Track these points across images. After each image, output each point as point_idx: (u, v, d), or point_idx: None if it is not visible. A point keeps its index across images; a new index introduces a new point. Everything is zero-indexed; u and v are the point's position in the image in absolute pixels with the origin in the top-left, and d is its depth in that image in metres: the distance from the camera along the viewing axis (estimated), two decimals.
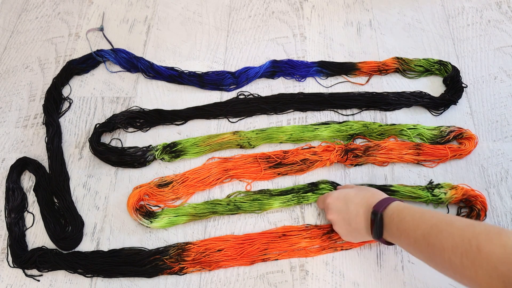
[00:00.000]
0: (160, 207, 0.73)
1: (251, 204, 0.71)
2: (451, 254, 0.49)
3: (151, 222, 0.70)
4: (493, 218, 0.71)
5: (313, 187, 0.73)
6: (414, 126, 0.78)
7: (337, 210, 0.65)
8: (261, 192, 0.73)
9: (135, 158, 0.76)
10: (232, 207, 0.71)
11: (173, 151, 0.77)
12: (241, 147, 0.78)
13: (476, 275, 0.46)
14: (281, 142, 0.79)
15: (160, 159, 0.77)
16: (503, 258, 0.44)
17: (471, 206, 0.70)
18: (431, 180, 0.74)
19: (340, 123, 0.79)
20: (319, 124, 0.80)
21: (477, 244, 0.46)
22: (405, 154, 0.75)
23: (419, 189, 0.71)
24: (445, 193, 0.70)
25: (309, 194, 0.72)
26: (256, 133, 0.78)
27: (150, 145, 0.78)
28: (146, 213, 0.71)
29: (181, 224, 0.72)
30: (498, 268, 0.44)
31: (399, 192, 0.71)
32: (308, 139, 0.78)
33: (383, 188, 0.72)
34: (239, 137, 0.78)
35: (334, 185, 0.74)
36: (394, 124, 0.79)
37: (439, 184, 0.72)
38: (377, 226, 0.59)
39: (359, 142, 0.78)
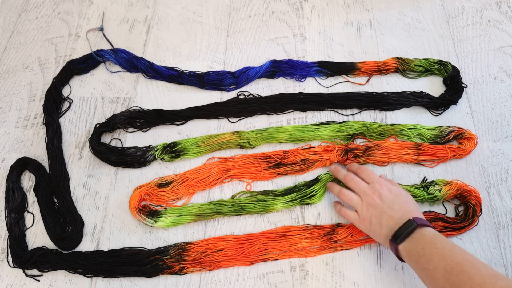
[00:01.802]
0: (162, 206, 0.73)
1: (255, 206, 0.71)
2: None
3: (155, 221, 0.70)
4: (493, 218, 0.71)
5: (315, 181, 0.73)
6: (414, 126, 0.78)
7: (373, 205, 0.64)
8: (265, 192, 0.73)
9: (135, 158, 0.76)
10: (237, 208, 0.71)
11: (173, 151, 0.77)
12: (241, 147, 0.78)
13: None
14: (281, 142, 0.79)
15: (160, 159, 0.77)
16: None
17: (466, 202, 0.70)
18: (425, 177, 0.74)
19: (340, 123, 0.80)
20: (319, 124, 0.80)
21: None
22: (405, 154, 0.75)
23: (415, 188, 0.72)
24: (439, 190, 0.70)
25: (311, 190, 0.72)
26: (256, 133, 0.78)
27: (150, 145, 0.78)
28: (149, 213, 0.71)
29: (181, 224, 0.71)
30: None
31: None
32: (308, 139, 0.78)
33: None
34: (239, 137, 0.78)
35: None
36: (394, 124, 0.79)
37: (433, 181, 0.72)
38: (404, 232, 0.59)
39: (359, 142, 0.78)
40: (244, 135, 0.78)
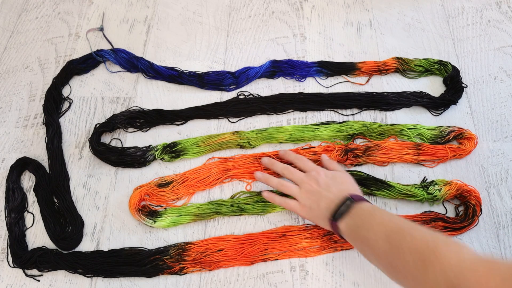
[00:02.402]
0: (162, 207, 0.73)
1: (255, 206, 0.71)
2: (407, 255, 0.49)
3: (154, 222, 0.70)
4: (493, 218, 0.71)
5: None
6: (414, 126, 0.78)
7: (311, 191, 0.65)
8: None
9: (135, 158, 0.76)
10: (236, 208, 0.71)
11: (173, 151, 0.77)
12: (241, 147, 0.78)
13: (425, 278, 0.46)
14: (281, 142, 0.79)
15: (160, 159, 0.77)
16: (454, 265, 0.44)
17: (466, 202, 0.70)
18: (425, 177, 0.74)
19: (340, 123, 0.80)
20: (319, 124, 0.80)
21: (434, 247, 0.47)
22: (405, 154, 0.75)
23: (415, 187, 0.72)
24: (439, 190, 0.70)
25: None
26: (256, 133, 0.78)
27: (150, 145, 0.78)
28: (149, 213, 0.71)
29: (181, 224, 0.71)
30: (447, 273, 0.44)
31: (395, 188, 0.71)
32: (308, 139, 0.78)
33: (380, 182, 0.72)
34: (239, 137, 0.78)
35: None
36: (394, 124, 0.79)
37: (433, 181, 0.72)
38: (342, 209, 0.60)
39: (359, 142, 0.78)
40: (244, 135, 0.78)
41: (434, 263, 0.46)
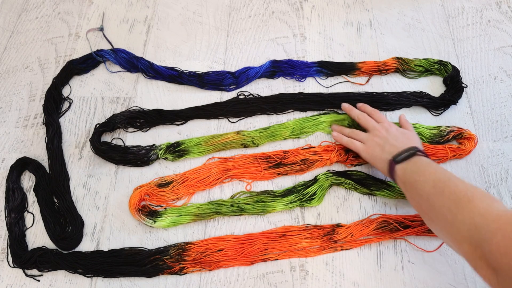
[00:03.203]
0: (162, 206, 0.73)
1: (254, 206, 0.71)
2: (446, 198, 0.55)
3: (154, 222, 0.70)
4: None
5: (314, 182, 0.73)
6: (413, 125, 0.78)
7: (379, 136, 0.72)
8: (264, 193, 0.73)
9: (138, 157, 0.76)
10: (236, 208, 0.71)
11: (176, 150, 0.77)
12: (245, 146, 0.78)
13: (454, 219, 0.52)
14: (285, 138, 0.79)
15: (164, 158, 0.77)
16: (482, 212, 0.49)
17: None
18: None
19: (340, 114, 0.80)
20: (318, 114, 0.80)
21: (471, 195, 0.52)
22: None
23: None
24: None
25: (310, 191, 0.72)
26: (260, 132, 0.78)
27: (154, 144, 0.78)
28: (149, 213, 0.71)
29: (181, 224, 0.71)
30: (474, 219, 0.49)
31: (395, 188, 0.72)
32: (311, 130, 0.79)
33: (380, 182, 0.73)
34: (243, 136, 0.78)
35: (331, 172, 0.74)
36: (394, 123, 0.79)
37: None
38: (404, 153, 0.65)
39: None
40: (248, 135, 0.78)
41: (466, 208, 0.51)
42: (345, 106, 0.80)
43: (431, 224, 0.59)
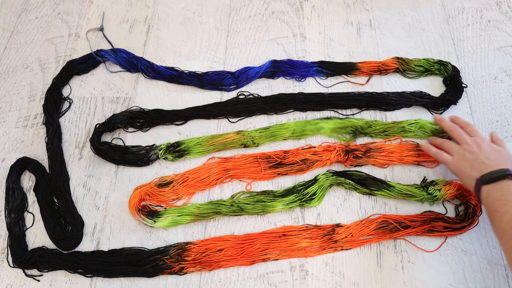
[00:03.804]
0: (162, 207, 0.73)
1: (254, 206, 0.71)
2: None
3: (154, 222, 0.70)
4: None
5: (314, 182, 0.73)
6: (415, 120, 0.78)
7: (470, 151, 0.68)
8: (264, 193, 0.73)
9: (138, 157, 0.76)
10: (236, 208, 0.71)
11: (176, 150, 0.77)
12: (245, 146, 0.78)
13: None
14: (285, 139, 0.79)
15: (164, 158, 0.77)
16: None
17: (466, 202, 0.70)
18: (425, 177, 0.74)
19: (342, 119, 0.80)
20: (321, 119, 0.80)
21: None
22: (406, 156, 0.75)
23: (415, 187, 0.72)
24: (439, 190, 0.70)
25: (310, 192, 0.72)
26: (260, 132, 0.78)
27: (154, 144, 0.78)
28: (149, 213, 0.71)
29: (181, 224, 0.71)
30: None
31: (395, 188, 0.72)
32: (311, 133, 0.79)
33: (380, 182, 0.73)
34: (243, 136, 0.78)
35: (331, 172, 0.74)
36: (395, 122, 0.79)
37: (433, 181, 0.72)
38: (494, 175, 0.62)
39: (360, 142, 0.78)
40: (248, 134, 0.78)
41: None
42: (437, 117, 0.76)
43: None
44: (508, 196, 0.59)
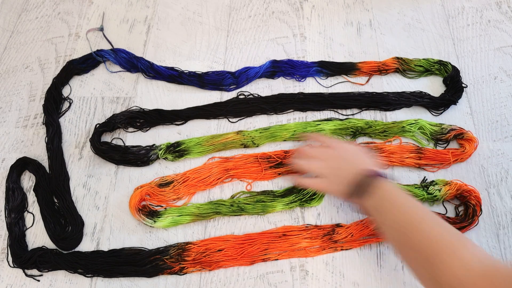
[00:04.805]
0: (162, 206, 0.73)
1: (255, 206, 0.71)
2: (417, 254, 0.51)
3: (154, 222, 0.70)
4: (493, 218, 0.71)
5: None
6: (415, 120, 0.78)
7: (333, 156, 0.66)
8: (264, 193, 0.73)
9: (138, 157, 0.76)
10: (236, 208, 0.71)
11: (176, 150, 0.77)
12: (245, 146, 0.78)
13: (434, 282, 0.49)
14: (284, 140, 0.79)
15: (164, 158, 0.77)
16: (458, 276, 0.46)
17: (466, 202, 0.70)
18: (425, 177, 0.74)
19: (342, 120, 0.80)
20: (321, 121, 0.80)
21: (441, 257, 0.49)
22: (407, 158, 0.75)
23: (415, 187, 0.72)
24: (439, 190, 0.70)
25: (310, 190, 0.72)
26: (260, 132, 0.78)
27: (154, 144, 0.78)
28: (149, 213, 0.71)
29: (181, 224, 0.71)
30: (451, 283, 0.47)
31: None
32: None
33: None
34: (243, 136, 0.78)
35: None
36: (395, 122, 0.79)
37: (433, 181, 0.72)
38: (360, 189, 0.60)
39: (360, 142, 0.78)
40: (248, 135, 0.78)
41: (442, 270, 0.48)
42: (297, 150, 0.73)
43: (412, 270, 0.55)
44: (384, 206, 0.58)
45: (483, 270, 0.45)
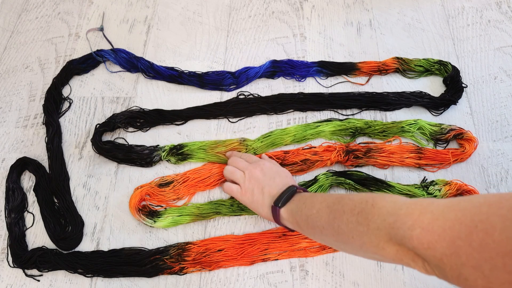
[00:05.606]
0: (162, 206, 0.73)
1: None
2: (349, 215, 0.51)
3: (154, 222, 0.70)
4: None
5: (314, 181, 0.73)
6: (414, 120, 0.78)
7: (255, 177, 0.68)
8: None
9: (141, 157, 0.76)
10: (236, 208, 0.71)
11: (179, 153, 0.76)
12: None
13: (368, 229, 0.48)
14: (286, 145, 0.79)
15: (166, 160, 0.77)
16: (391, 211, 0.46)
17: None
18: (425, 177, 0.74)
19: (341, 120, 0.79)
20: (321, 122, 0.80)
21: (372, 202, 0.49)
22: (407, 158, 0.75)
23: (415, 187, 0.72)
24: (439, 190, 0.70)
25: (310, 190, 0.72)
26: (261, 141, 0.78)
27: (158, 145, 0.78)
28: (149, 213, 0.71)
29: (181, 224, 0.71)
30: (386, 220, 0.46)
31: (395, 188, 0.72)
32: (312, 137, 0.78)
33: (380, 182, 0.72)
34: (245, 147, 0.77)
35: (331, 172, 0.74)
36: (394, 122, 0.79)
37: (433, 181, 0.72)
38: (285, 195, 0.62)
39: (360, 142, 0.78)
40: (250, 146, 0.77)
41: (373, 213, 0.48)
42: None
43: (348, 248, 0.54)
44: (310, 200, 0.59)
45: (414, 203, 0.45)
